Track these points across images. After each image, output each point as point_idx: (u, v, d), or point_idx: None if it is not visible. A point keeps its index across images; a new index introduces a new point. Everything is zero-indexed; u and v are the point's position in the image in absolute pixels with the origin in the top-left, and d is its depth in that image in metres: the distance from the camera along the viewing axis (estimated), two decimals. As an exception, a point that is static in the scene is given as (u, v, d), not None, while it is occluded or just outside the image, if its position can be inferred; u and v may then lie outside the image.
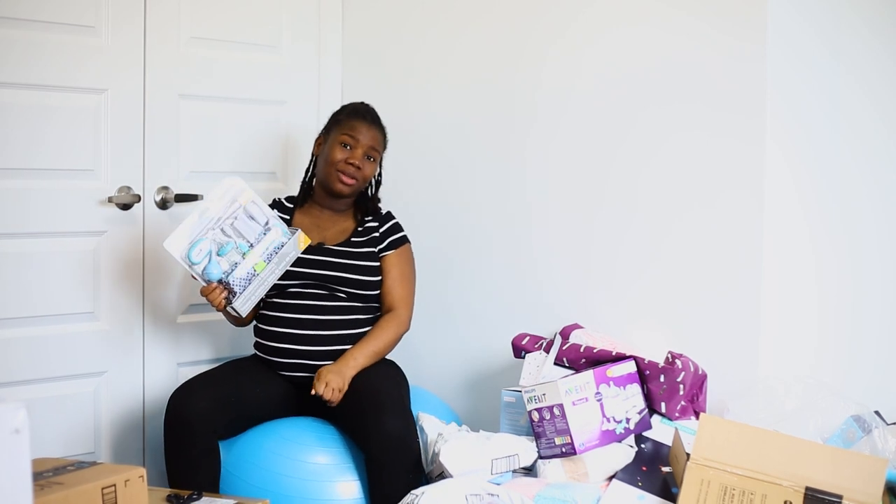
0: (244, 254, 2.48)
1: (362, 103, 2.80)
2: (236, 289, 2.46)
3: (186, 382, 2.55)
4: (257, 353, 2.71)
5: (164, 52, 2.95)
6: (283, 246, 2.50)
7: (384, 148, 2.78)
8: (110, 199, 2.85)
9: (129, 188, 2.89)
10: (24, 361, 2.73)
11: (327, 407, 2.55)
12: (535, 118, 2.92)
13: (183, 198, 2.98)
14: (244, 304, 2.48)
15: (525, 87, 2.94)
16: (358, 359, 2.57)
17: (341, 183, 2.68)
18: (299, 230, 2.53)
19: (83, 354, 2.85)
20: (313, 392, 2.49)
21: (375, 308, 2.72)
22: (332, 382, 2.50)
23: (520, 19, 2.94)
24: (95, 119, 2.83)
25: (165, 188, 2.96)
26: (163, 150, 2.96)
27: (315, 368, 2.59)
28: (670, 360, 2.50)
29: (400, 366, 2.73)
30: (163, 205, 2.96)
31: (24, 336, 2.72)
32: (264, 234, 2.50)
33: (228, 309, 2.50)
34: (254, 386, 2.60)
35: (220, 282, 2.47)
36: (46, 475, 1.80)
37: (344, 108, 2.79)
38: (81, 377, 2.85)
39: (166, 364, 3.01)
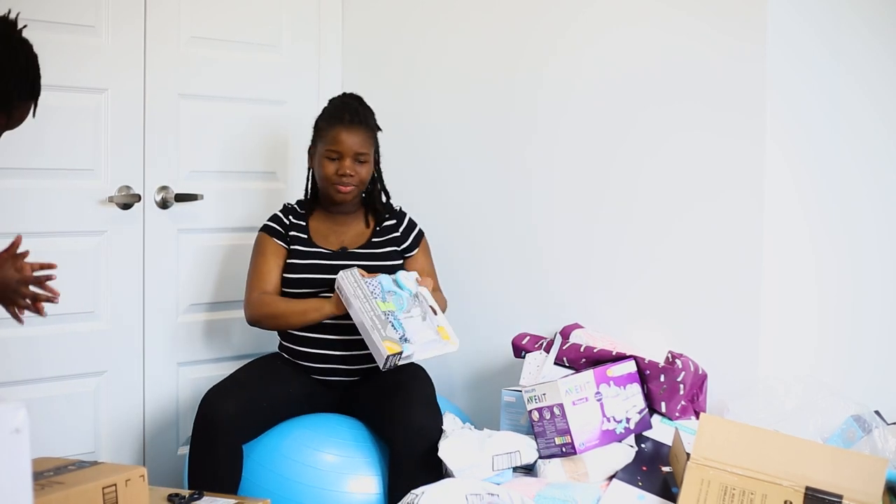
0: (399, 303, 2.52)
1: (342, 100, 2.74)
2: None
3: (219, 385, 2.54)
4: (285, 355, 2.70)
5: (165, 52, 2.95)
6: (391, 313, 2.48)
7: (374, 141, 2.72)
8: (110, 199, 2.85)
9: (129, 188, 2.89)
10: (24, 361, 2.73)
11: (354, 403, 2.58)
12: (535, 118, 2.92)
13: (183, 197, 2.98)
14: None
15: (526, 87, 2.93)
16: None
17: (340, 193, 2.66)
18: (402, 354, 2.46)
19: (83, 354, 2.85)
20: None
21: None
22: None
23: (520, 19, 2.94)
24: (95, 119, 2.83)
25: (165, 188, 2.96)
26: (163, 150, 2.96)
27: (350, 372, 2.62)
28: (670, 359, 2.50)
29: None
30: (163, 204, 2.96)
31: (24, 336, 2.71)
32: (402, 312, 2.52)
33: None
34: (284, 388, 2.59)
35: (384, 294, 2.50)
36: (47, 475, 1.80)
37: (324, 111, 2.73)
38: (82, 377, 2.85)
39: (166, 364, 3.00)
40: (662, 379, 2.43)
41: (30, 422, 1.30)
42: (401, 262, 2.71)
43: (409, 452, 2.37)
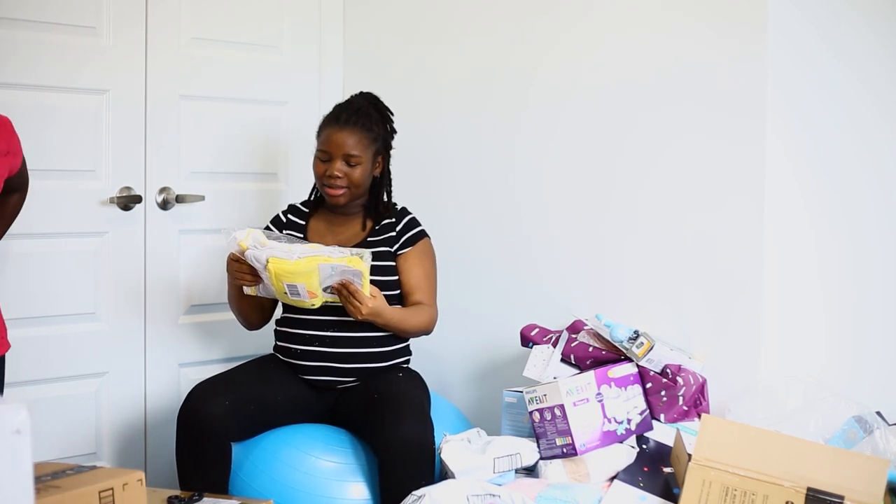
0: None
1: (349, 100, 2.70)
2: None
3: (206, 382, 2.53)
4: (278, 355, 2.68)
5: (166, 53, 2.95)
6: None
7: (374, 144, 2.63)
8: (111, 200, 2.85)
9: (130, 189, 2.89)
10: (25, 362, 2.73)
11: (345, 413, 2.55)
12: (541, 118, 2.91)
13: (184, 198, 2.98)
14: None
15: (528, 89, 2.93)
16: (387, 312, 2.50)
17: (330, 196, 2.62)
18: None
19: (85, 355, 2.85)
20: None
21: None
22: (367, 309, 2.44)
23: (523, 21, 2.94)
24: (97, 120, 2.83)
25: (166, 189, 2.96)
26: (164, 151, 2.96)
27: (339, 371, 2.58)
28: (671, 375, 2.47)
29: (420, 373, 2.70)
30: (164, 205, 2.96)
31: (25, 336, 2.72)
32: None
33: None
34: (274, 391, 2.56)
35: None
36: (45, 479, 1.80)
37: (328, 113, 2.69)
38: (83, 378, 2.85)
39: (168, 365, 3.00)
40: (663, 394, 2.43)
41: (31, 422, 1.30)
42: (393, 263, 2.63)
43: (398, 465, 2.32)
